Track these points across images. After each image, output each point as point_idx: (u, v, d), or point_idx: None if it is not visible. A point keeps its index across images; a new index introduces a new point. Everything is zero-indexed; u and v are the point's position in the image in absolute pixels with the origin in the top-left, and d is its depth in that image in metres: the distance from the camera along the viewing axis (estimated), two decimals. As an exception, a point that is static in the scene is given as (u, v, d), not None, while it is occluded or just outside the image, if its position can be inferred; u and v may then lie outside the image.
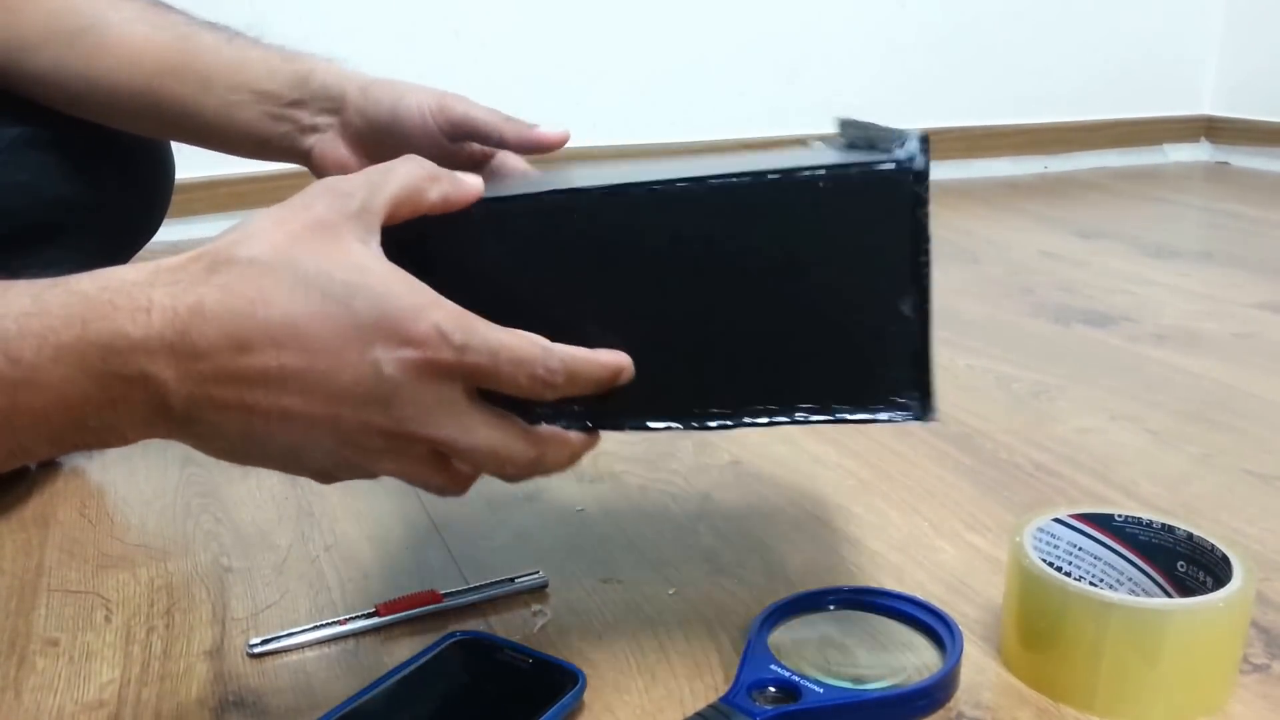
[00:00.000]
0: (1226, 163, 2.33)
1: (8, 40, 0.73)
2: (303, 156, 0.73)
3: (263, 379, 0.41)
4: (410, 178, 0.46)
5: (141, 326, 0.40)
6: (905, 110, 2.09)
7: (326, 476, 0.47)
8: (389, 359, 0.42)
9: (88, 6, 0.73)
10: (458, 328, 0.43)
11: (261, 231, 0.43)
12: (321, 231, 0.43)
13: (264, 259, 0.42)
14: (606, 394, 0.48)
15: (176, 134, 0.77)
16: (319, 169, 0.72)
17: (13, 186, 0.76)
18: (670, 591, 0.65)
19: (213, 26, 0.74)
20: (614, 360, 0.47)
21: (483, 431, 0.45)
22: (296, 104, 0.71)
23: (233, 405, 0.42)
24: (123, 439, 0.43)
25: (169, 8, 0.76)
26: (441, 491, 0.48)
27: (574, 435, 0.49)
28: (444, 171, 0.48)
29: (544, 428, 0.48)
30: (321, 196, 0.45)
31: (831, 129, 0.66)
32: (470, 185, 0.48)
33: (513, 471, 0.48)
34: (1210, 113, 2.36)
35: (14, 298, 0.41)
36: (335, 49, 0.75)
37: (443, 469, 0.47)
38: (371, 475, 0.47)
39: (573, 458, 0.50)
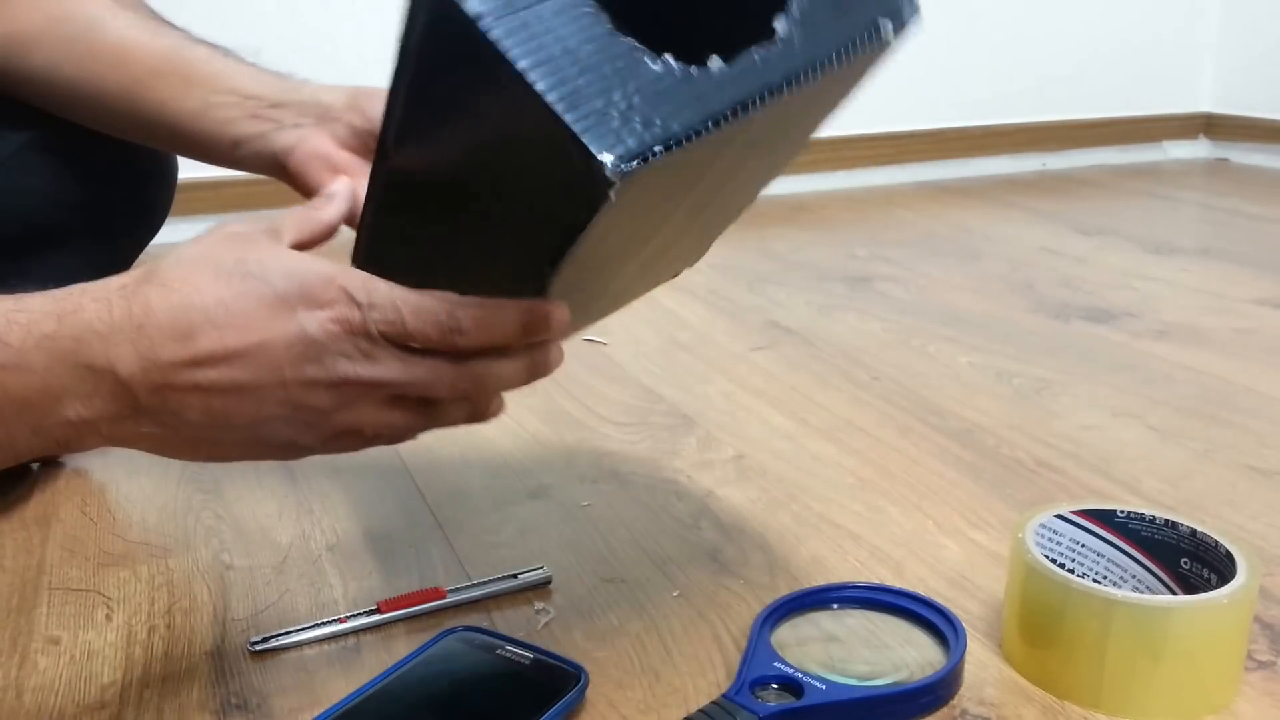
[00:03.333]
0: (1226, 159, 2.33)
1: (7, 40, 0.73)
2: (280, 158, 0.69)
3: (210, 359, 0.46)
4: (301, 210, 0.55)
5: (105, 323, 0.45)
6: (904, 110, 2.09)
7: (295, 449, 0.50)
8: (310, 320, 0.46)
9: (87, 11, 0.72)
10: (361, 289, 0.47)
11: (185, 248, 0.49)
12: (237, 238, 0.50)
13: (189, 258, 0.48)
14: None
15: (154, 136, 0.76)
16: (299, 170, 0.68)
17: (21, 191, 0.77)
18: (674, 592, 0.65)
19: (210, 44, 0.74)
20: (534, 305, 0.49)
21: (416, 366, 0.48)
22: (279, 106, 0.70)
23: (190, 390, 0.46)
24: (97, 435, 0.47)
25: (168, 22, 0.75)
26: (415, 431, 0.51)
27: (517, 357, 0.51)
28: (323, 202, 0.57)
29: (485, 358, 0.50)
30: (232, 225, 0.51)
31: (828, 131, 0.65)
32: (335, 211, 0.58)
33: (466, 387, 0.50)
34: (1209, 109, 2.36)
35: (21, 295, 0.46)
36: (338, 48, 0.75)
37: (402, 408, 0.50)
38: (337, 439, 0.50)
39: (530, 369, 0.52)
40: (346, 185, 0.60)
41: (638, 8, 0.48)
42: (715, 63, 0.44)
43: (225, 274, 0.47)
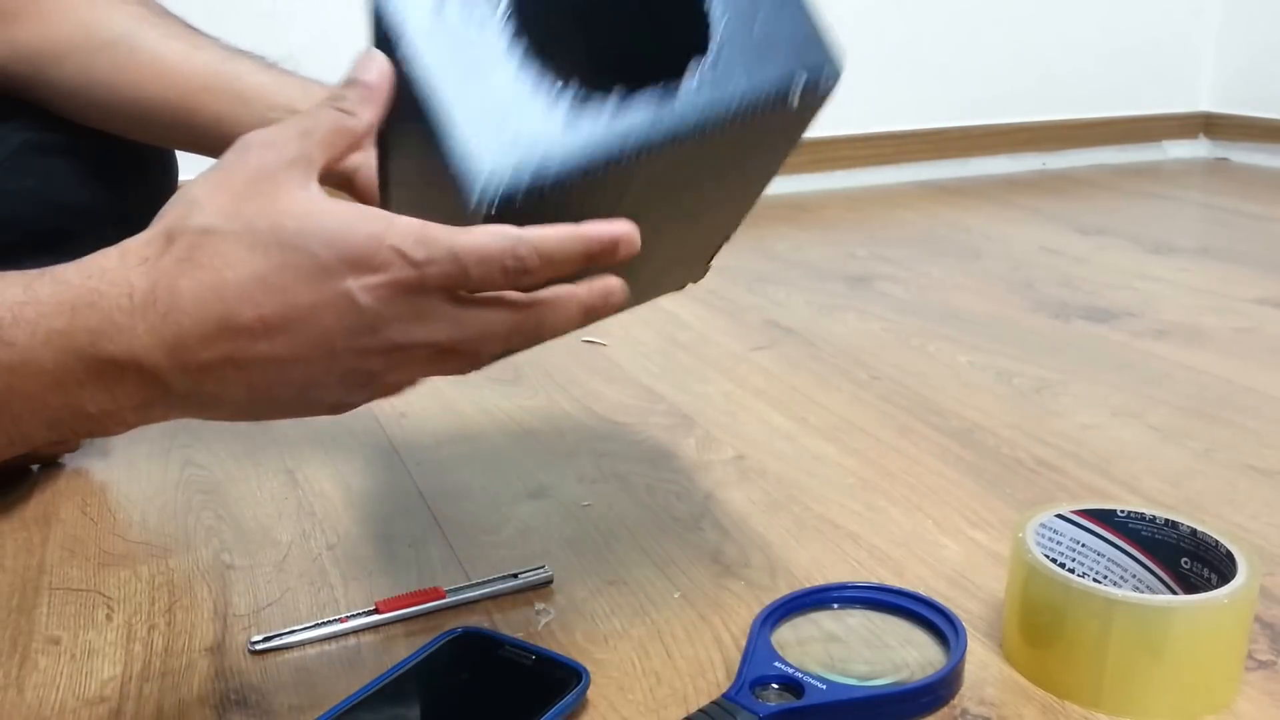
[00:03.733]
0: (1226, 159, 2.33)
1: (39, 49, 0.73)
2: (346, 175, 0.69)
3: (250, 337, 0.42)
4: (333, 118, 0.47)
5: (126, 313, 0.42)
6: (904, 109, 2.09)
7: (341, 407, 0.47)
8: (360, 288, 0.43)
9: (119, 21, 0.72)
10: (416, 243, 0.43)
11: (206, 197, 0.44)
12: (263, 184, 0.44)
13: (217, 226, 0.43)
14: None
15: (209, 148, 0.77)
16: (366, 188, 0.68)
17: (21, 193, 0.76)
18: (675, 592, 0.65)
19: (249, 54, 0.74)
20: (601, 231, 0.45)
21: (472, 322, 0.45)
22: None
23: (229, 370, 0.43)
24: (123, 423, 0.44)
25: (202, 33, 0.76)
26: (461, 372, 0.48)
27: (576, 288, 0.48)
28: (357, 96, 0.48)
29: (539, 293, 0.47)
30: (254, 149, 0.45)
31: (828, 130, 0.65)
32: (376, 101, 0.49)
33: (520, 341, 0.47)
34: (1209, 109, 2.36)
35: (5, 287, 0.42)
36: (340, 51, 0.75)
37: (450, 359, 0.47)
38: (386, 391, 0.47)
39: (583, 310, 0.48)
40: (379, 70, 0.49)
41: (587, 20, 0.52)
42: (610, 102, 0.46)
43: (261, 245, 0.42)
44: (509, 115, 0.46)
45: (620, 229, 0.46)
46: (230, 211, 0.43)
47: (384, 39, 0.48)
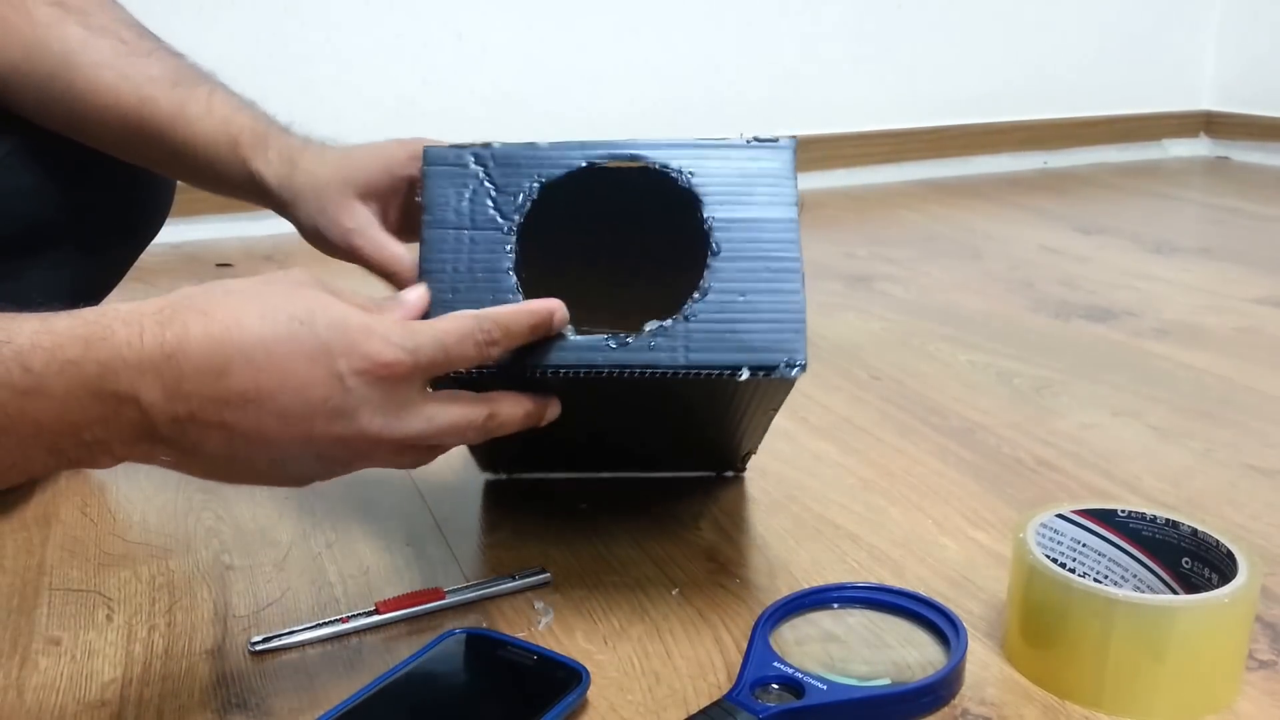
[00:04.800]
0: (1227, 157, 2.32)
1: None
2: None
3: (241, 400, 0.45)
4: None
5: (135, 350, 0.44)
6: (903, 109, 2.09)
7: (305, 481, 0.52)
8: (349, 372, 0.47)
9: (56, 49, 0.72)
10: (405, 334, 0.49)
11: (234, 280, 0.50)
12: (291, 282, 0.50)
13: (237, 289, 0.48)
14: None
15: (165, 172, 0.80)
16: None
17: (12, 193, 0.76)
18: (674, 591, 0.65)
19: (181, 72, 0.73)
20: (538, 306, 0.54)
21: (443, 417, 0.51)
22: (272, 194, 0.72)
23: (214, 425, 0.46)
24: (111, 456, 0.46)
25: (138, 44, 0.74)
26: (414, 466, 0.55)
27: (522, 394, 0.56)
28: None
29: (493, 394, 0.55)
30: (295, 271, 0.51)
31: (828, 128, 0.70)
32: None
33: (473, 436, 0.54)
34: (1210, 107, 2.36)
35: (25, 320, 0.44)
36: (340, 53, 0.75)
37: (410, 454, 0.52)
38: (347, 472, 0.52)
39: (527, 414, 0.56)
40: (418, 298, 0.58)
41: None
42: (568, 331, 0.56)
43: (271, 315, 0.46)
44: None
45: (551, 305, 0.55)
46: (253, 290, 0.48)
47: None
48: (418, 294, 0.56)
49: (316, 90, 1.66)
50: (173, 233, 0.95)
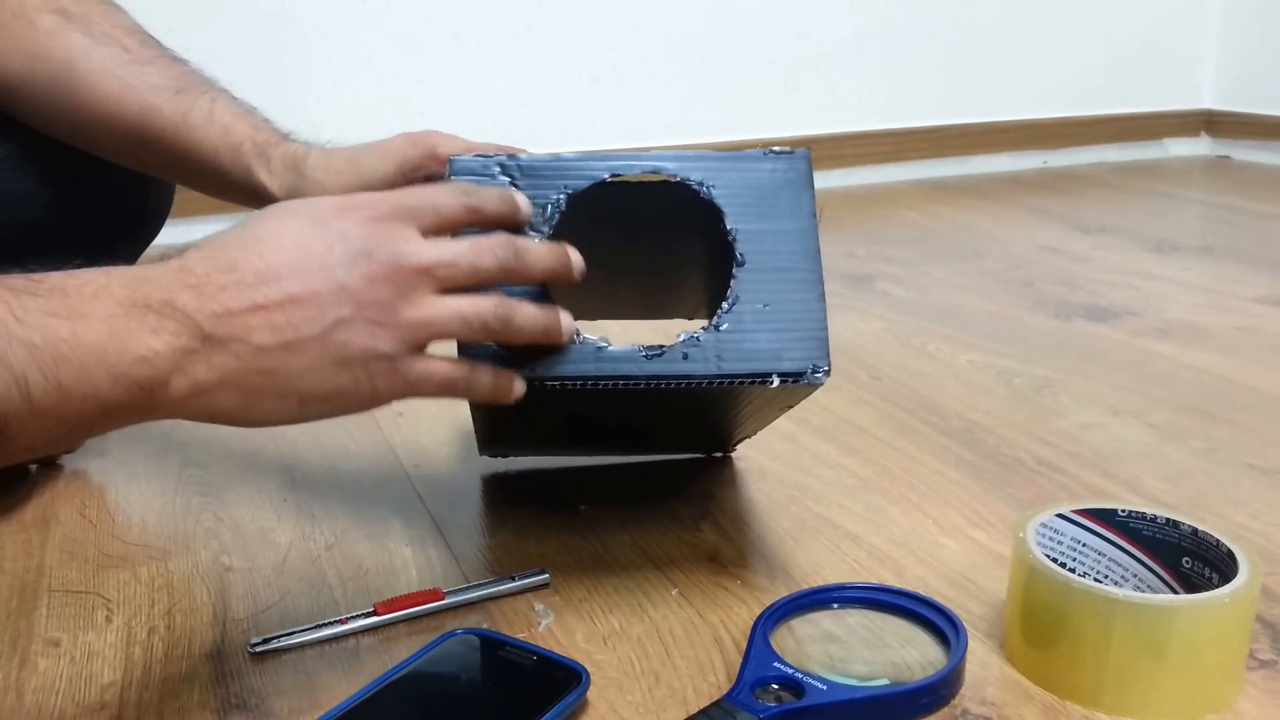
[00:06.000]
0: (1228, 157, 2.32)
1: None
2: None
3: (259, 279, 0.47)
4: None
5: (154, 271, 0.47)
6: (903, 108, 2.09)
7: (379, 361, 0.50)
8: (350, 222, 0.50)
9: (59, 56, 0.72)
10: (387, 193, 0.52)
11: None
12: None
13: (242, 223, 0.51)
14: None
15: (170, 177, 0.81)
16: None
17: (12, 195, 0.76)
18: (674, 591, 0.65)
19: (183, 79, 0.73)
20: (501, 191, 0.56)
21: (450, 245, 0.52)
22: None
23: (250, 310, 0.47)
24: (182, 375, 0.46)
25: (140, 51, 0.74)
26: (488, 324, 0.52)
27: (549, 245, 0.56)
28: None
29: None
30: None
31: (828, 128, 0.72)
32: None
33: (504, 252, 0.52)
34: (1210, 106, 2.35)
35: (46, 273, 0.47)
36: (337, 54, 0.75)
37: (462, 295, 0.52)
38: (414, 342, 0.50)
39: (542, 314, 0.54)
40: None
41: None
42: (601, 341, 0.57)
43: (254, 221, 0.50)
44: None
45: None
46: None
47: None
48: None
49: (314, 92, 1.66)
50: (172, 234, 0.94)
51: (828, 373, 0.58)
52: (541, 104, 1.82)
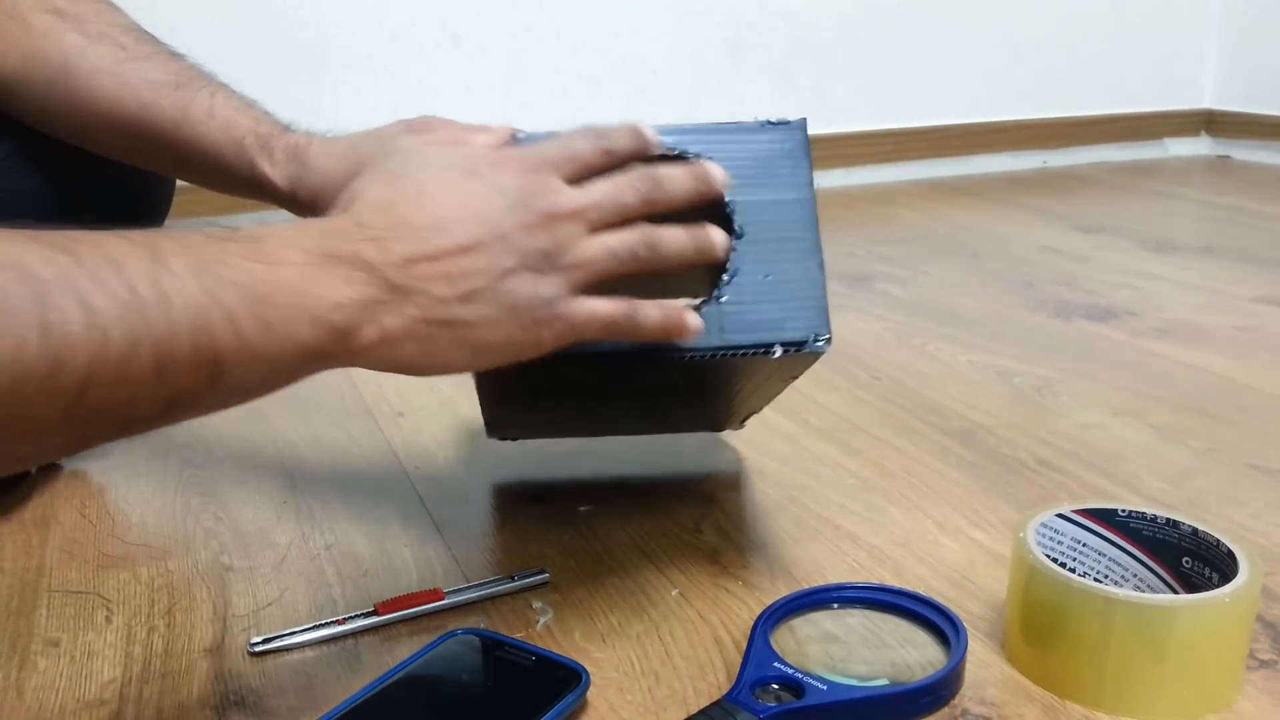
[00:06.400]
0: (1228, 156, 2.32)
1: None
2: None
3: (431, 233, 0.50)
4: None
5: (335, 223, 0.50)
6: (904, 107, 2.09)
7: (545, 308, 0.52)
8: (503, 175, 0.52)
9: (54, 56, 0.71)
10: (527, 147, 0.55)
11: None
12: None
13: (383, 165, 0.54)
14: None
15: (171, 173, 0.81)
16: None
17: (13, 194, 0.76)
18: (673, 591, 0.65)
19: (180, 74, 0.73)
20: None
21: (596, 188, 0.54)
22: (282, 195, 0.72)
23: (426, 259, 0.49)
24: (374, 324, 0.48)
25: (136, 48, 0.74)
26: (640, 254, 0.54)
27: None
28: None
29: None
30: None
31: (827, 128, 0.72)
32: None
33: (644, 185, 0.54)
34: (1210, 106, 2.36)
35: (259, 229, 0.48)
36: (337, 57, 0.75)
37: (613, 232, 0.54)
38: (573, 284, 0.53)
39: (690, 233, 0.55)
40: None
41: None
42: None
43: (410, 173, 0.52)
44: None
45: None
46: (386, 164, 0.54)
47: None
48: (499, 130, 0.60)
49: (315, 94, 1.66)
50: (172, 234, 0.94)
51: (829, 341, 0.58)
52: (542, 105, 1.82)
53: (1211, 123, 2.36)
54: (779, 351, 0.57)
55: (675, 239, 0.54)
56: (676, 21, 1.90)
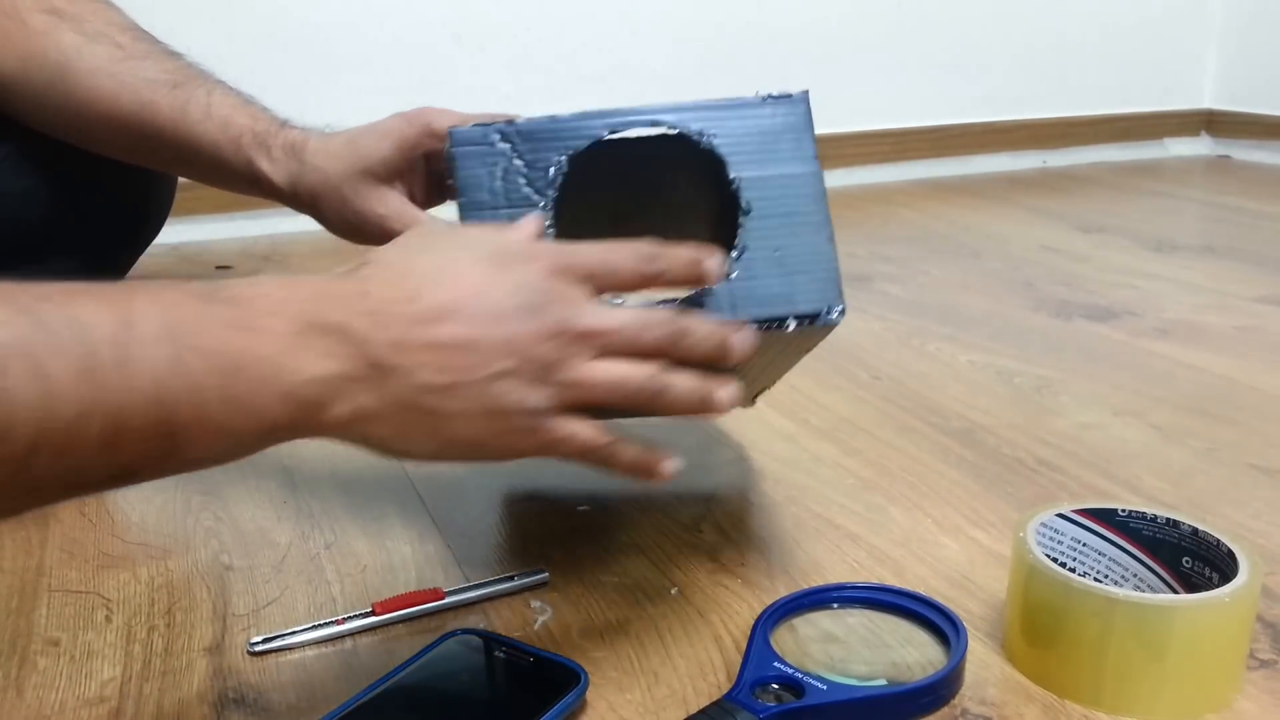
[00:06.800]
0: (1228, 156, 2.32)
1: None
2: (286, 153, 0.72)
3: (438, 316, 0.48)
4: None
5: (334, 288, 0.48)
6: (904, 107, 2.09)
7: (529, 416, 0.50)
8: (528, 273, 0.50)
9: (53, 56, 0.72)
10: (560, 247, 0.53)
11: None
12: (436, 230, 0.56)
13: (396, 246, 0.52)
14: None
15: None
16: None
17: (12, 195, 0.76)
18: (673, 590, 0.65)
19: (177, 72, 0.73)
20: (686, 248, 0.54)
21: (618, 313, 0.51)
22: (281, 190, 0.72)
23: (421, 347, 0.47)
24: (344, 400, 0.46)
25: (134, 47, 0.74)
26: (643, 392, 0.51)
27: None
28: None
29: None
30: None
31: (827, 127, 0.72)
32: None
33: (667, 330, 0.52)
34: (1211, 106, 2.35)
35: (233, 282, 0.47)
36: (336, 56, 0.75)
37: (620, 361, 0.51)
38: (565, 402, 0.50)
39: (698, 384, 0.53)
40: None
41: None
42: (617, 299, 0.55)
43: (436, 249, 0.51)
44: None
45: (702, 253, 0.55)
46: (408, 242, 0.53)
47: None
48: (534, 220, 0.58)
49: (314, 94, 1.65)
50: (171, 234, 0.95)
51: (843, 312, 0.57)
52: (542, 105, 1.81)
53: (1211, 123, 2.36)
54: (793, 325, 0.57)
55: (683, 391, 0.52)
56: (677, 21, 1.90)
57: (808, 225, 0.58)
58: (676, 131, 0.59)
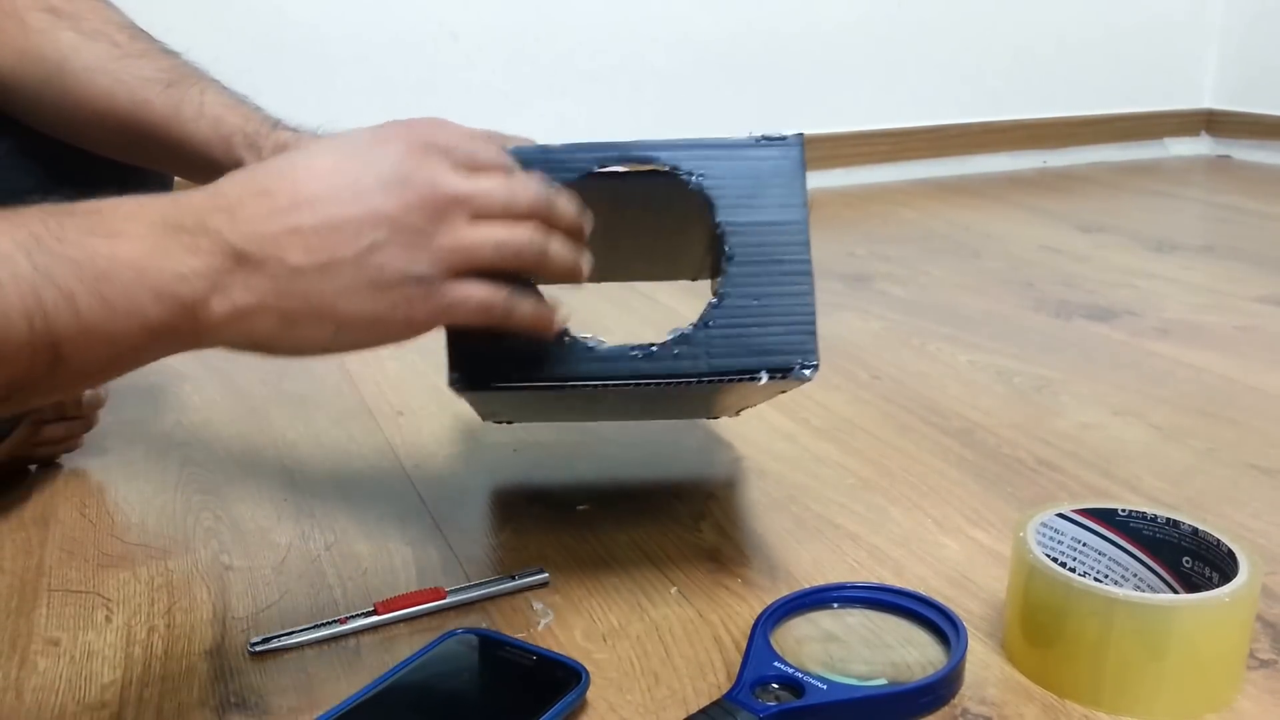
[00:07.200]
0: (1229, 156, 2.32)
1: None
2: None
3: (292, 205, 0.48)
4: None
5: (191, 194, 0.48)
6: (904, 107, 2.09)
7: (416, 286, 0.50)
8: (385, 152, 0.50)
9: (50, 54, 0.72)
10: (426, 123, 0.53)
11: None
12: None
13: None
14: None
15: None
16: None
17: (12, 194, 0.76)
18: (673, 590, 0.65)
19: (174, 72, 0.73)
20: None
21: (482, 178, 0.52)
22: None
23: (284, 233, 0.47)
24: (222, 295, 0.46)
25: (131, 45, 0.74)
26: (521, 252, 0.52)
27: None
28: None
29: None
30: None
31: (827, 127, 0.71)
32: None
33: (531, 191, 0.53)
34: (1211, 106, 2.35)
35: (104, 199, 0.47)
36: (335, 55, 0.75)
37: (495, 225, 0.52)
38: (449, 268, 0.51)
39: (562, 248, 0.54)
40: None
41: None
42: (593, 341, 0.57)
43: (291, 151, 0.52)
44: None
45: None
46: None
47: None
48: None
49: (313, 93, 1.66)
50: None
51: (816, 368, 0.58)
52: (541, 105, 1.82)
53: (1211, 122, 2.36)
54: (764, 379, 0.58)
55: (560, 251, 0.53)
56: (676, 20, 1.90)
57: (789, 275, 0.59)
58: (669, 169, 0.59)
